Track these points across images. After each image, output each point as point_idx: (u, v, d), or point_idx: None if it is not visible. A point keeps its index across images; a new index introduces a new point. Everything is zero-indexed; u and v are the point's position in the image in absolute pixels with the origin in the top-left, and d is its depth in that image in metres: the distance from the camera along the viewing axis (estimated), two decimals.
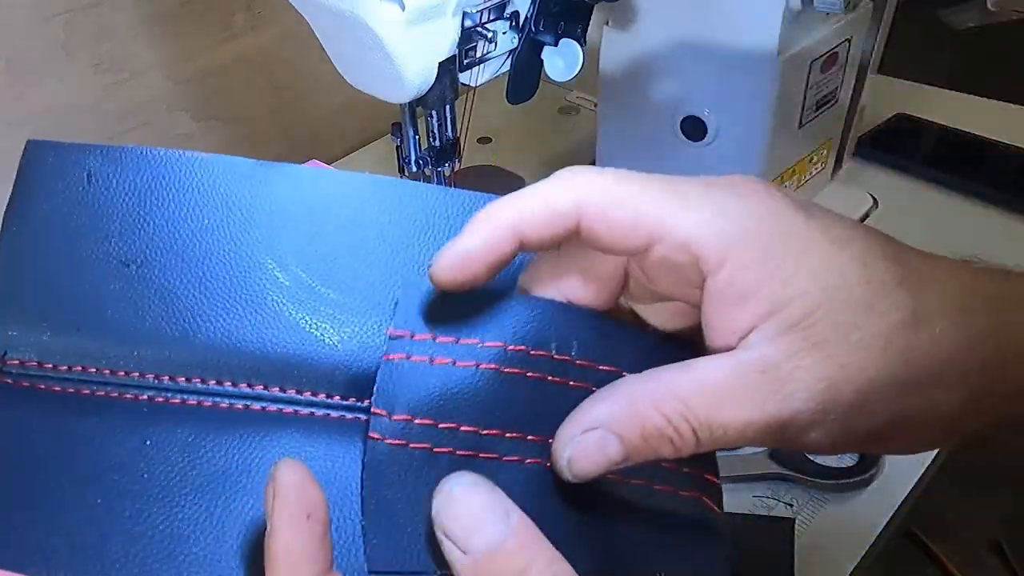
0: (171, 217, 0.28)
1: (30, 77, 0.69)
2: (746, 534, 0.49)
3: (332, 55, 0.50)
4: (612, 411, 0.23)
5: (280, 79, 0.87)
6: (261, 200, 0.28)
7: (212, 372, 0.27)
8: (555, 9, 0.50)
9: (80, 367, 0.27)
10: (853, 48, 0.69)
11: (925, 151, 0.84)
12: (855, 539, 0.50)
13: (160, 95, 0.78)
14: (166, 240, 0.28)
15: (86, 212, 0.28)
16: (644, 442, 0.23)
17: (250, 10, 0.82)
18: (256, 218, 0.28)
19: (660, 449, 0.23)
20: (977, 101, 0.92)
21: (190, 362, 0.27)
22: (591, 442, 0.23)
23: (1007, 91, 0.91)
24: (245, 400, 0.27)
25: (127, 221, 0.28)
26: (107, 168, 0.28)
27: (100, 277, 0.28)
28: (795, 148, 0.70)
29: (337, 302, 0.28)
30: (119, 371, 0.27)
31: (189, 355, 0.27)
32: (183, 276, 0.28)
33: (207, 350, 0.27)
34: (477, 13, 0.47)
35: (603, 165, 0.26)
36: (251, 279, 0.28)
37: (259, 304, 0.27)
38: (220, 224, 0.28)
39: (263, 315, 0.27)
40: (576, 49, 0.50)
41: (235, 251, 0.28)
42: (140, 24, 0.74)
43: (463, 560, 0.22)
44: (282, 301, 0.28)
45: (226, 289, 0.28)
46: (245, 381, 0.27)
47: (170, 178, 0.28)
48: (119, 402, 0.27)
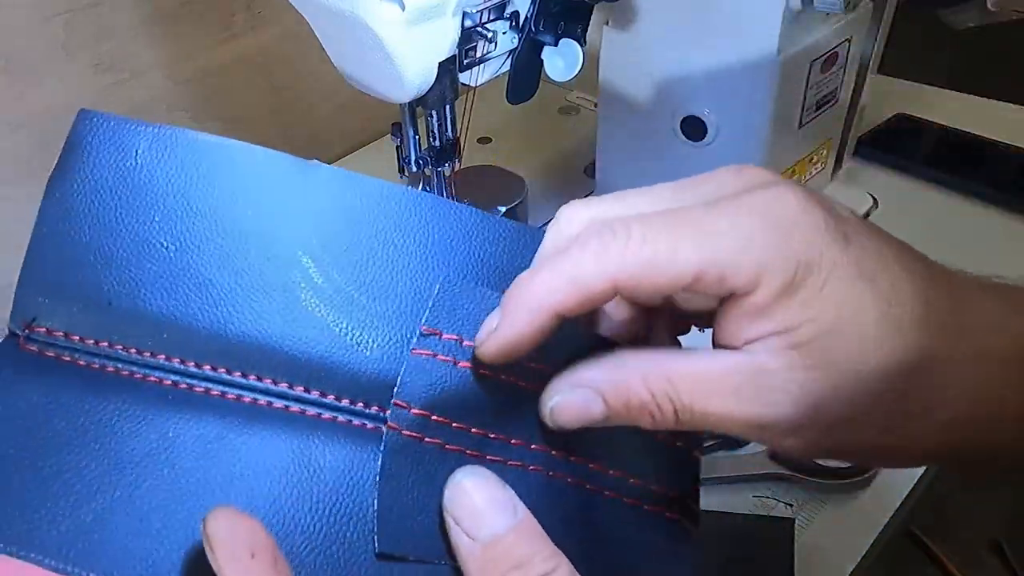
0: (213, 204, 0.28)
1: (30, 77, 0.69)
2: (746, 534, 0.49)
3: (332, 55, 0.50)
4: (603, 376, 0.25)
5: (280, 79, 0.87)
6: (302, 198, 0.28)
7: (239, 364, 0.27)
8: (555, 9, 0.50)
9: (107, 343, 0.27)
10: (853, 48, 0.69)
11: (925, 151, 0.84)
12: (855, 539, 0.49)
13: (160, 95, 0.78)
14: (206, 226, 0.28)
15: (130, 189, 0.28)
16: (626, 410, 0.24)
17: (250, 10, 0.82)
18: (296, 215, 0.28)
19: (639, 419, 0.24)
20: (977, 101, 0.92)
21: (218, 351, 0.27)
22: (577, 398, 0.25)
23: (1007, 91, 0.91)
24: (270, 397, 0.27)
25: (169, 203, 0.28)
26: (155, 148, 0.28)
27: (137, 255, 0.27)
28: (795, 148, 0.70)
29: (369, 308, 0.28)
30: (145, 352, 0.27)
31: (218, 344, 0.27)
32: (219, 264, 0.27)
33: (236, 341, 0.27)
34: (477, 13, 0.47)
35: (603, 165, 0.26)
36: (286, 275, 0.27)
37: (292, 301, 0.27)
38: (260, 216, 0.28)
39: (295, 313, 0.27)
40: (576, 49, 0.50)
41: (272, 245, 0.28)
42: (140, 24, 0.74)
43: (470, 545, 0.24)
44: (315, 301, 0.27)
45: (260, 282, 0.27)
46: (271, 377, 0.27)
47: (215, 165, 0.28)
48: (143, 384, 0.26)
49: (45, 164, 0.29)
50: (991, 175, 0.79)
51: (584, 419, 0.25)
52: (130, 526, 0.23)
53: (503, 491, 0.24)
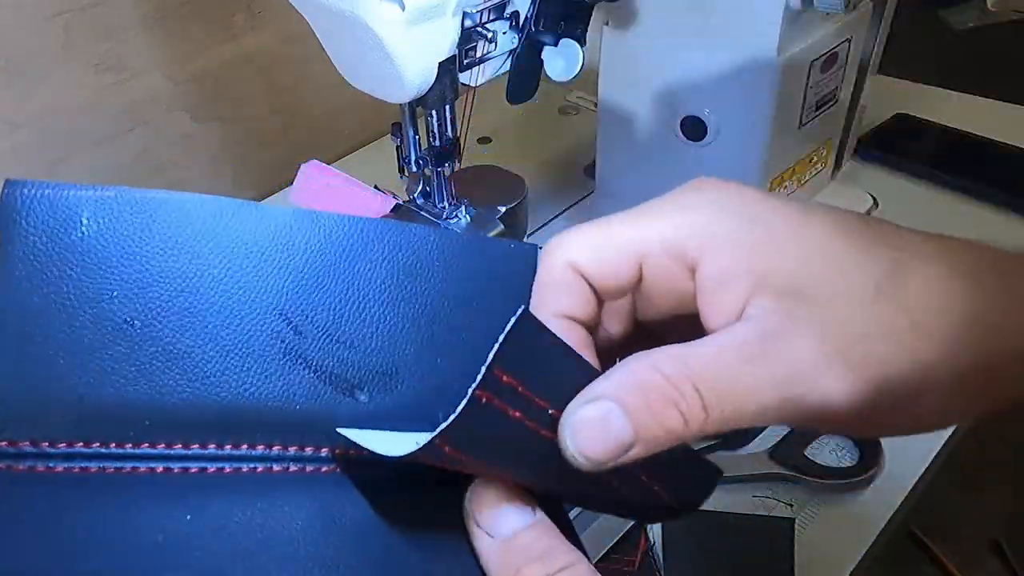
0: (173, 267, 0.25)
1: (30, 77, 0.69)
2: (746, 534, 0.49)
3: (332, 55, 0.50)
4: (612, 382, 0.22)
5: (280, 79, 0.87)
6: (267, 245, 0.26)
7: (230, 435, 0.25)
8: (555, 9, 0.50)
9: (82, 443, 0.24)
10: (853, 48, 0.69)
11: (925, 151, 0.84)
12: (855, 539, 0.50)
13: (160, 95, 0.78)
14: (169, 292, 0.25)
15: (80, 266, 0.24)
16: (650, 413, 0.22)
17: (250, 10, 0.82)
18: (263, 266, 0.26)
19: (667, 417, 0.22)
20: (977, 101, 0.92)
21: (204, 425, 0.25)
22: (594, 412, 0.22)
23: (1007, 91, 0.91)
24: (268, 462, 0.25)
25: (126, 273, 0.25)
26: (101, 214, 0.25)
27: (102, 340, 0.24)
28: (795, 148, 0.70)
29: (345, 358, 0.26)
30: (127, 443, 0.24)
31: (203, 418, 0.25)
32: (189, 331, 0.25)
33: (221, 412, 0.25)
34: (477, 13, 0.47)
35: (603, 165, 0.27)
36: (259, 333, 0.26)
37: (270, 360, 0.26)
38: (226, 273, 0.26)
39: (275, 372, 0.26)
40: (576, 49, 0.50)
41: (242, 302, 0.26)
42: (140, 24, 0.74)
43: (490, 543, 0.24)
44: (288, 355, 0.26)
45: (234, 343, 0.25)
46: (264, 443, 0.25)
47: (170, 224, 0.25)
48: (134, 478, 0.24)
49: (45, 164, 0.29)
50: (991, 175, 0.79)
51: (609, 440, 0.22)
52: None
53: (521, 492, 0.25)
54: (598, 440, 0.22)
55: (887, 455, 0.53)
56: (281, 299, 0.26)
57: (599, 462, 0.22)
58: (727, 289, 0.23)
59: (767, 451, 0.53)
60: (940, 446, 0.55)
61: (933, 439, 0.55)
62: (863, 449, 0.54)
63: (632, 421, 0.22)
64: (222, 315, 0.25)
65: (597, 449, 0.22)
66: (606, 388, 0.22)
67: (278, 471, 0.25)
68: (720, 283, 0.24)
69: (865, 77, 0.74)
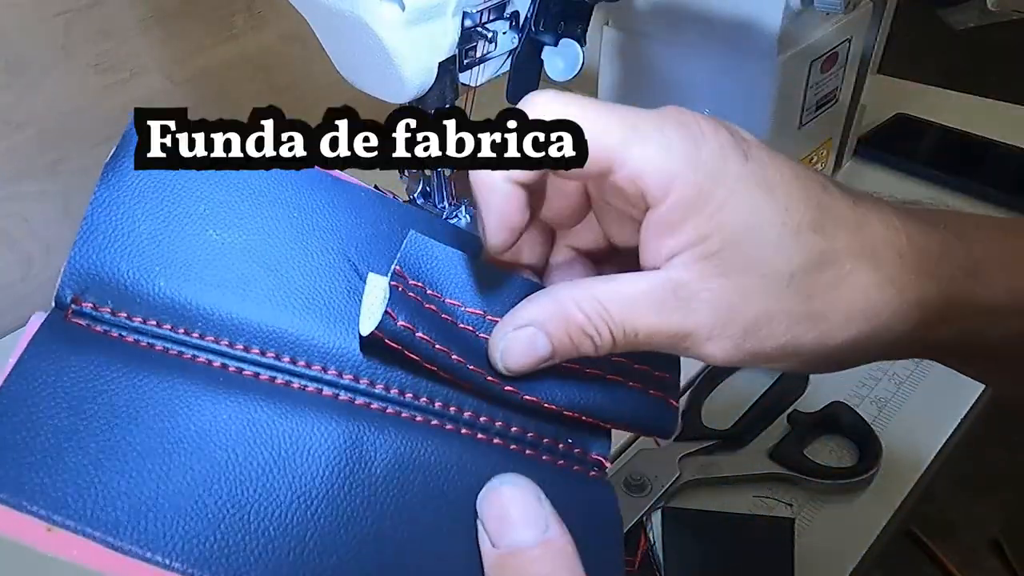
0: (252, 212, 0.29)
1: (30, 77, 0.69)
2: (746, 534, 0.49)
3: (332, 55, 0.50)
4: (541, 311, 0.26)
5: (280, 79, 0.87)
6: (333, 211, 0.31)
7: (289, 350, 0.28)
8: (555, 9, 0.50)
9: (155, 322, 0.27)
10: (853, 48, 0.69)
11: (925, 151, 0.84)
12: (855, 539, 0.50)
13: (160, 95, 0.78)
14: (250, 227, 0.29)
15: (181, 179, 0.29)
16: (568, 339, 0.26)
17: (250, 10, 0.82)
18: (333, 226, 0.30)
19: (582, 346, 0.26)
20: (977, 101, 0.92)
21: (267, 337, 0.28)
22: (522, 338, 0.26)
23: (1007, 91, 0.91)
24: (320, 384, 0.27)
25: (216, 196, 0.29)
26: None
27: (187, 239, 0.28)
28: (795, 148, 0.70)
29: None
30: (194, 333, 0.27)
31: (266, 330, 0.28)
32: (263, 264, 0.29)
33: (284, 330, 0.28)
34: (477, 13, 0.47)
35: None
36: (331, 278, 0.29)
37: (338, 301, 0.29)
38: (307, 222, 0.30)
39: (342, 311, 0.29)
40: (576, 49, 0.50)
41: (321, 244, 0.30)
42: (140, 24, 0.74)
43: (490, 552, 0.24)
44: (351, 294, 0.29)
45: (306, 282, 0.29)
46: (320, 365, 0.28)
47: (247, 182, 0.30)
48: (192, 365, 0.26)
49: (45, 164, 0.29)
50: (991, 175, 0.79)
51: (533, 358, 0.26)
52: (185, 508, 0.23)
53: (539, 506, 0.25)
54: (523, 356, 0.26)
55: (887, 455, 0.53)
56: (349, 248, 0.30)
57: (518, 371, 0.27)
58: (672, 235, 0.25)
59: (767, 451, 0.53)
60: (940, 446, 0.55)
61: (933, 439, 0.55)
62: (863, 449, 0.54)
63: (552, 343, 0.26)
64: (301, 250, 0.29)
65: (521, 363, 0.27)
66: (535, 316, 0.26)
67: (327, 395, 0.27)
68: (668, 229, 0.25)
69: (865, 77, 0.74)
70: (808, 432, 0.55)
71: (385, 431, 0.26)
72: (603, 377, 0.29)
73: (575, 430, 0.29)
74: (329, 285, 0.29)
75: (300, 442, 0.25)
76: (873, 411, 0.57)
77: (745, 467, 0.53)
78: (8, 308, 0.73)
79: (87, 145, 0.74)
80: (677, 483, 0.51)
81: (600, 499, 0.29)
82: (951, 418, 0.56)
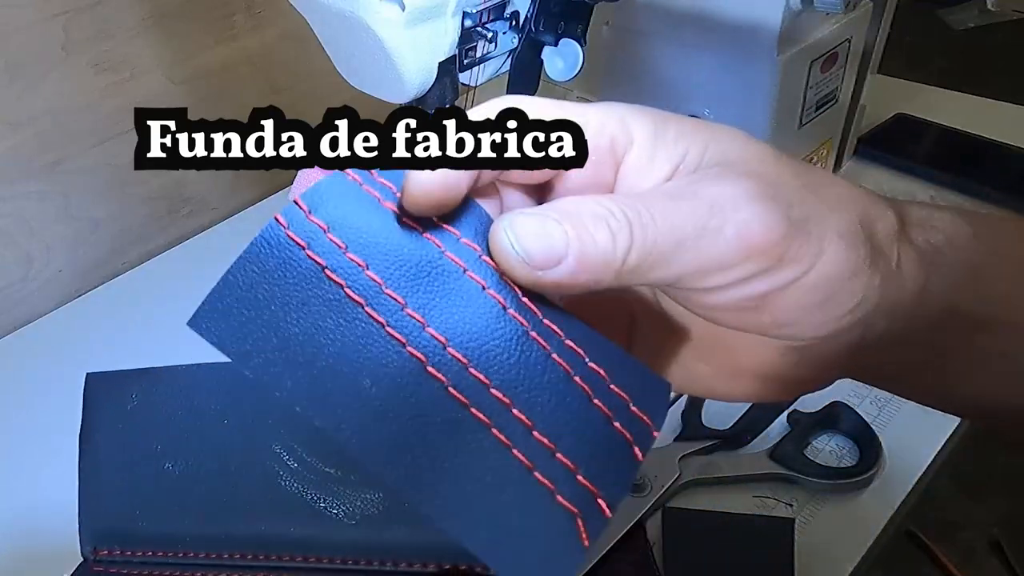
0: (198, 422, 0.37)
1: (30, 77, 0.69)
2: (746, 534, 0.49)
3: (332, 55, 0.50)
4: (544, 205, 0.24)
5: (280, 79, 0.87)
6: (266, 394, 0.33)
7: (250, 547, 0.36)
8: (555, 9, 0.50)
9: (152, 552, 0.37)
10: (853, 48, 0.69)
11: (925, 151, 0.84)
12: (855, 539, 0.50)
13: (160, 95, 0.78)
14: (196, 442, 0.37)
15: (132, 428, 0.38)
16: (581, 222, 0.23)
17: (250, 10, 0.82)
18: (264, 410, 0.37)
19: (598, 229, 0.22)
20: (977, 101, 0.92)
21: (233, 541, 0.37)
22: (532, 219, 0.23)
23: (1007, 91, 0.91)
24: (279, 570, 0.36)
25: (164, 431, 0.38)
26: (147, 388, 0.39)
27: (155, 483, 0.37)
28: (795, 148, 0.70)
29: (338, 478, 0.36)
30: (188, 552, 0.37)
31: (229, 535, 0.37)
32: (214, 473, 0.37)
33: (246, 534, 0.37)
34: (477, 13, 0.47)
35: None
36: (266, 466, 0.37)
37: (274, 488, 0.37)
38: (236, 422, 0.37)
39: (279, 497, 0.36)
40: (576, 49, 0.50)
41: (251, 443, 0.37)
42: (140, 24, 0.74)
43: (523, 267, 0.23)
44: (292, 483, 0.37)
45: (247, 477, 0.37)
46: (276, 553, 0.36)
47: (192, 389, 0.38)
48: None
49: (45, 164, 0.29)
50: (991, 175, 0.79)
51: (546, 239, 0.22)
52: None
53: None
54: (537, 238, 0.22)
55: (887, 455, 0.53)
56: (282, 435, 0.38)
57: (539, 265, 0.22)
58: (649, 174, 0.25)
59: (767, 451, 0.53)
60: (940, 446, 0.55)
61: (933, 439, 0.55)
62: (863, 449, 0.54)
63: (567, 226, 0.22)
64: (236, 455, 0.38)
65: (536, 247, 0.22)
66: (539, 208, 0.23)
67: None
68: (642, 170, 0.25)
69: (865, 77, 0.74)
70: (808, 432, 0.55)
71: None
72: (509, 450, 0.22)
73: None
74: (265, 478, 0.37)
75: None
76: (873, 411, 0.57)
77: (745, 467, 0.53)
78: (8, 308, 0.73)
79: (87, 145, 0.74)
80: (677, 483, 0.51)
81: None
82: (951, 418, 0.56)
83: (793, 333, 0.26)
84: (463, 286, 0.23)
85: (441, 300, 0.23)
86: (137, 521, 0.37)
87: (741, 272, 0.24)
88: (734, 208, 0.23)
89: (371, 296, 0.22)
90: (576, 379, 0.23)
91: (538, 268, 0.22)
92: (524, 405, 0.22)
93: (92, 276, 0.79)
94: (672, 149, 0.25)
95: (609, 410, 0.23)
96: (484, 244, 0.24)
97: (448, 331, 0.22)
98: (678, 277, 0.24)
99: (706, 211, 0.23)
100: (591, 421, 0.22)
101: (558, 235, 0.22)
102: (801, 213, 0.24)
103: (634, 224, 0.23)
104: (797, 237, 0.24)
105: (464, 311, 0.22)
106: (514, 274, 0.23)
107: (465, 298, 0.23)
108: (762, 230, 0.23)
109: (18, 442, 0.60)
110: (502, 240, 0.23)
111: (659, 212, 0.23)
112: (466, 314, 0.22)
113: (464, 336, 0.22)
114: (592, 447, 0.22)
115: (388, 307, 0.22)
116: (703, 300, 0.25)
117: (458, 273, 0.23)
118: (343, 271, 0.22)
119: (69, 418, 0.42)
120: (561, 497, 0.21)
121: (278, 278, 0.22)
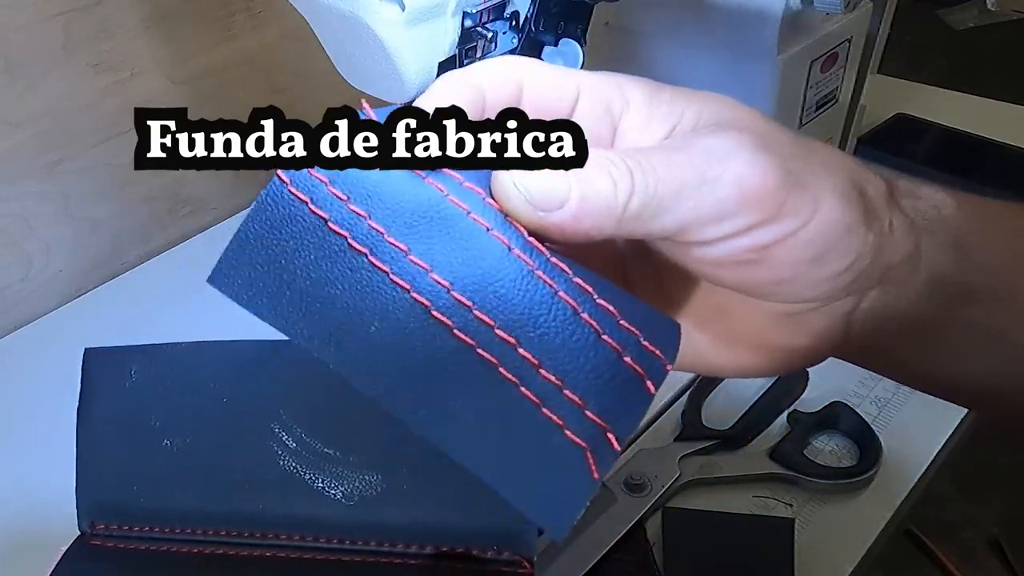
0: (196, 399, 0.37)
1: (30, 77, 0.69)
2: (746, 534, 0.49)
3: (332, 55, 0.50)
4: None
5: (280, 79, 0.87)
6: (267, 373, 0.36)
7: (246, 525, 0.36)
8: (555, 9, 0.50)
9: (149, 527, 0.37)
10: (853, 48, 0.69)
11: (925, 151, 0.84)
12: (855, 539, 0.50)
13: (160, 95, 0.78)
14: (194, 419, 0.36)
15: (131, 405, 0.37)
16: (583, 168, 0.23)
17: (250, 10, 0.82)
18: (264, 390, 0.36)
19: (599, 176, 0.23)
20: (977, 101, 0.92)
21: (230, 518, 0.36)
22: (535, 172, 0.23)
23: (1007, 91, 0.91)
24: (275, 548, 0.35)
25: (162, 407, 0.37)
26: (146, 364, 0.38)
27: (153, 458, 0.37)
28: None
29: (337, 459, 0.35)
30: (185, 528, 0.36)
31: (226, 512, 0.36)
32: (212, 450, 0.36)
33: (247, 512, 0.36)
34: (477, 13, 0.47)
35: None
36: (264, 446, 0.36)
37: (273, 467, 0.35)
38: (235, 400, 0.36)
39: (277, 476, 0.35)
40: (576, 49, 0.50)
41: (250, 421, 0.36)
42: (140, 24, 0.74)
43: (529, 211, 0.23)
44: (291, 463, 0.36)
45: (245, 456, 0.36)
46: (273, 532, 0.35)
47: (191, 365, 0.37)
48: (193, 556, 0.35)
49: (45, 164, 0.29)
50: (991, 175, 0.79)
51: (549, 180, 0.23)
52: None
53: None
54: (541, 178, 0.23)
55: (887, 455, 0.53)
56: (280, 415, 0.36)
57: (541, 205, 0.23)
58: (645, 134, 0.26)
59: (767, 451, 0.53)
60: (940, 446, 0.55)
61: (933, 439, 0.55)
62: (863, 449, 0.54)
63: (570, 171, 0.23)
64: (235, 434, 0.36)
65: (539, 187, 0.23)
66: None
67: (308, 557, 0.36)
68: (640, 130, 0.26)
69: (865, 77, 0.74)
70: (808, 432, 0.55)
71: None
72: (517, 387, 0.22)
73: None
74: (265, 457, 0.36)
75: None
76: (873, 411, 0.57)
77: (745, 467, 0.53)
78: (8, 308, 0.73)
79: (87, 145, 0.74)
80: (677, 483, 0.51)
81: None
82: (951, 418, 0.56)
83: (790, 292, 0.26)
84: (467, 229, 0.23)
85: (445, 244, 0.23)
86: (135, 496, 0.37)
87: (741, 222, 0.24)
88: (732, 157, 0.24)
89: (375, 245, 0.22)
90: (584, 316, 0.23)
91: (541, 209, 0.23)
92: (530, 344, 0.22)
93: (92, 276, 0.79)
94: (668, 110, 0.26)
95: (619, 345, 0.23)
96: (487, 189, 0.24)
97: (452, 275, 0.22)
98: (679, 226, 0.24)
99: (704, 161, 0.23)
100: (600, 357, 0.22)
101: (561, 177, 0.23)
102: (796, 167, 0.25)
103: (635, 172, 0.23)
104: (794, 189, 0.24)
105: (468, 253, 0.23)
106: (517, 214, 0.23)
107: (469, 241, 0.23)
108: (760, 178, 0.24)
109: (18, 442, 0.60)
110: (505, 181, 0.23)
111: (659, 162, 0.23)
112: (470, 256, 0.23)
113: (469, 278, 0.22)
114: (601, 382, 0.22)
115: (391, 255, 0.22)
116: (703, 254, 0.25)
117: (461, 216, 0.23)
118: (346, 223, 0.23)
119: (69, 418, 0.42)
120: (569, 432, 0.22)
121: (285, 234, 0.23)
